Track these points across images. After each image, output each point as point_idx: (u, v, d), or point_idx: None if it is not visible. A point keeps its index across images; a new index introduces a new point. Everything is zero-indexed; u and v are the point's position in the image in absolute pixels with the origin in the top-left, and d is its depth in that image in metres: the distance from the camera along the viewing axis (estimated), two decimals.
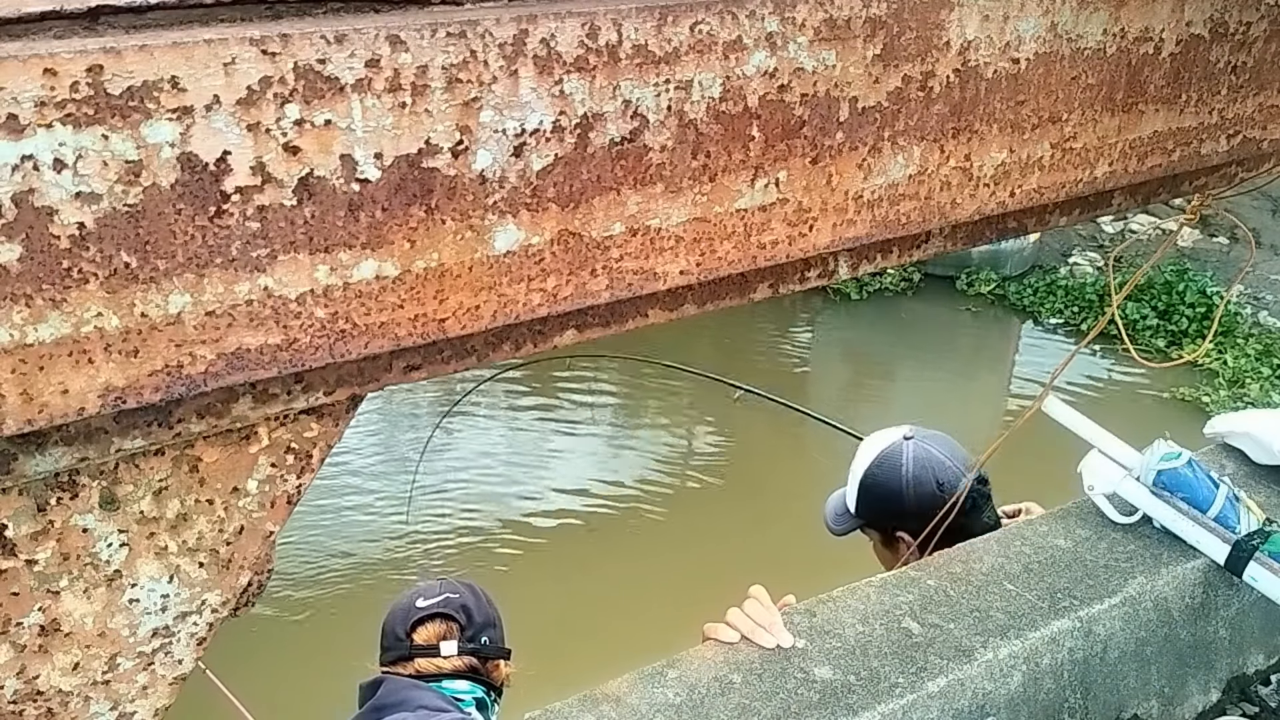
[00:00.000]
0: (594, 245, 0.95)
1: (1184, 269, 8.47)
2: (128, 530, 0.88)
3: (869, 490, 2.21)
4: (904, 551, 2.17)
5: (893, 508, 2.17)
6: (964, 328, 8.71)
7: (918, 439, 2.20)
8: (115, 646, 0.91)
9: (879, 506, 2.20)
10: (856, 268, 1.23)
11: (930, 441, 2.21)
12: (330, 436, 0.96)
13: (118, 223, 0.73)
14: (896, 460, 2.17)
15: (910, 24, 1.06)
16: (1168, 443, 2.15)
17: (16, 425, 0.75)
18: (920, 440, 2.20)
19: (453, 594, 2.16)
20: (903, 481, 2.15)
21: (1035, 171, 1.25)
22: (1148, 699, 2.04)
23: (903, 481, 2.15)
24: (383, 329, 0.87)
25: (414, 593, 2.19)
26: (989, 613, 1.88)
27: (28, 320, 0.72)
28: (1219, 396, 7.30)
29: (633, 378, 7.69)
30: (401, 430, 7.03)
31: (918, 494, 2.13)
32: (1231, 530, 2.04)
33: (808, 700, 1.67)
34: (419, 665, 2.07)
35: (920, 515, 2.09)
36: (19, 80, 0.67)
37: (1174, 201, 6.93)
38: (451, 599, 2.14)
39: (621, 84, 0.91)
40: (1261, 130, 1.47)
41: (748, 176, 1.02)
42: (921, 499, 2.12)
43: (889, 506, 2.17)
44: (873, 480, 2.20)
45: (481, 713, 2.10)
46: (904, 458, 2.17)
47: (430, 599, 2.14)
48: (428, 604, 2.13)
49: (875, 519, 2.23)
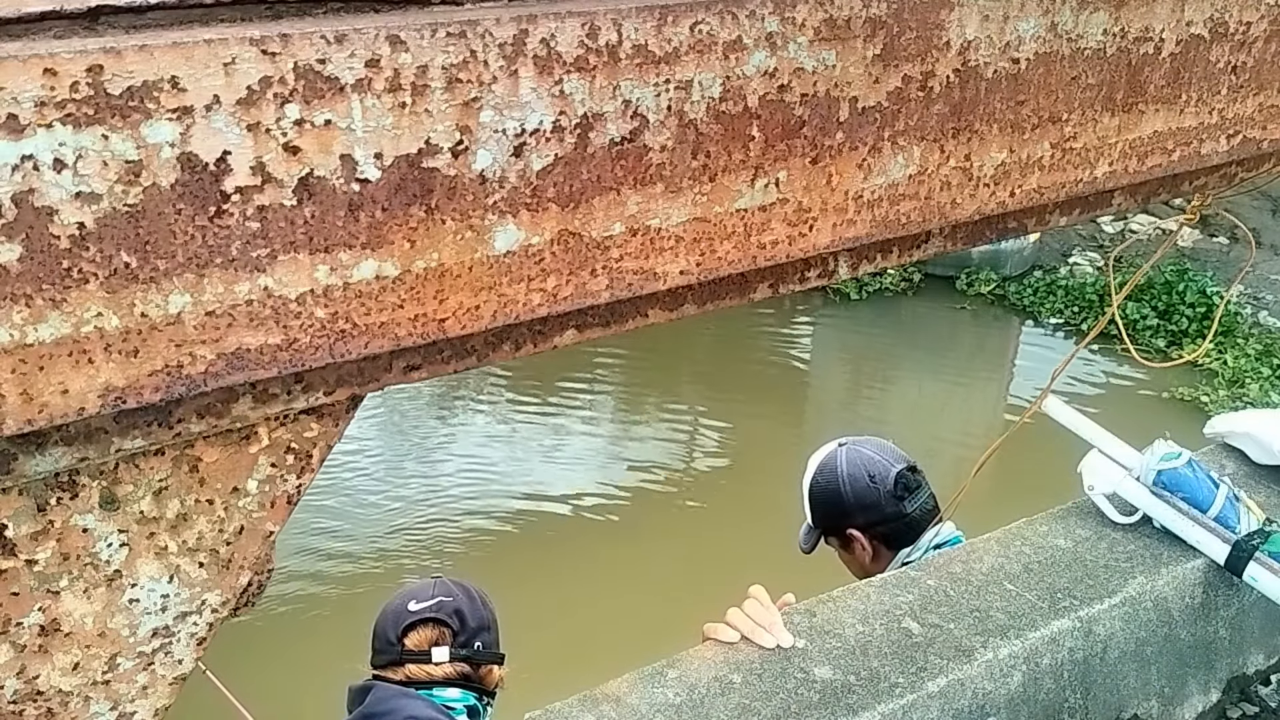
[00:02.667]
0: (594, 245, 0.95)
1: (1184, 269, 8.47)
2: (128, 530, 0.88)
3: (815, 497, 2.43)
4: (859, 551, 2.36)
5: (837, 508, 2.38)
6: (964, 328, 8.71)
7: (850, 444, 2.44)
8: (115, 646, 0.91)
9: (826, 510, 2.41)
10: (856, 268, 1.23)
11: (861, 444, 2.44)
12: (330, 436, 0.96)
13: (118, 223, 0.73)
14: (833, 465, 2.40)
15: (910, 24, 1.06)
16: (1168, 443, 2.16)
17: (16, 425, 0.74)
18: (853, 444, 2.44)
19: (446, 597, 2.12)
20: (840, 481, 2.36)
21: (1035, 171, 1.25)
22: (1148, 699, 2.04)
23: (840, 481, 2.36)
24: (383, 329, 0.87)
25: (407, 593, 2.15)
26: (989, 613, 1.88)
27: (28, 320, 0.72)
28: (1219, 396, 7.29)
29: (633, 377, 7.69)
30: (401, 428, 7.04)
31: (854, 489, 2.34)
32: (1231, 530, 2.04)
33: (808, 700, 1.67)
34: (409, 671, 2.05)
35: (862, 509, 2.33)
36: (19, 80, 0.67)
37: (1174, 201, 6.87)
38: (445, 603, 2.10)
39: (621, 84, 0.91)
40: (1261, 130, 1.47)
41: (748, 176, 1.02)
42: (859, 493, 2.33)
43: (834, 508, 2.38)
44: (817, 487, 2.42)
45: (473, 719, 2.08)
46: (838, 461, 2.40)
47: (423, 601, 2.11)
48: (420, 607, 2.09)
49: (828, 524, 2.43)
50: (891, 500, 2.31)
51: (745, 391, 7.59)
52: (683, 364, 7.82)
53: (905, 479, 2.34)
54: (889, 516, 2.30)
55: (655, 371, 7.68)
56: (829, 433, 3.83)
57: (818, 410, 7.87)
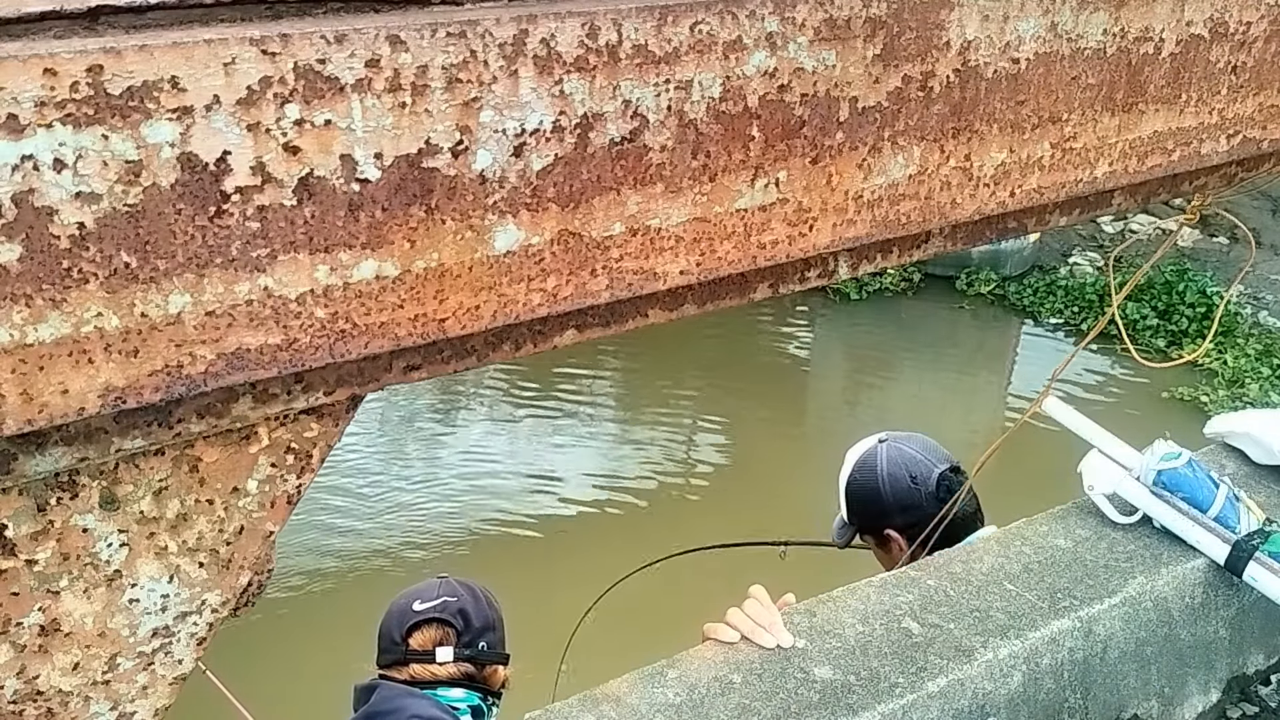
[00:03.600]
0: (594, 245, 0.95)
1: (1184, 269, 8.47)
2: (128, 530, 0.88)
3: (853, 495, 2.33)
4: (897, 552, 2.26)
5: (875, 507, 2.28)
6: (964, 328, 8.71)
7: (891, 441, 2.33)
8: (115, 646, 0.91)
9: (864, 509, 2.32)
10: (856, 268, 1.23)
11: (903, 441, 2.33)
12: (330, 436, 0.96)
13: (118, 223, 0.73)
14: (872, 462, 2.30)
15: (910, 24, 1.06)
16: (1168, 443, 2.16)
17: (16, 425, 0.74)
18: (894, 441, 2.33)
19: (450, 597, 2.12)
20: (879, 480, 2.27)
21: (1035, 171, 1.25)
22: (1148, 699, 2.04)
23: (879, 480, 2.27)
24: (383, 329, 0.87)
25: (412, 593, 2.15)
26: (989, 613, 1.88)
27: (28, 320, 0.72)
28: (1218, 396, 7.29)
29: (633, 375, 7.69)
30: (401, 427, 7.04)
31: (894, 490, 2.24)
32: (1231, 530, 2.04)
33: (808, 700, 1.67)
34: (414, 671, 2.05)
35: (901, 510, 2.23)
36: (19, 80, 0.67)
37: (1174, 201, 6.86)
38: (449, 603, 2.11)
39: (621, 84, 0.91)
40: (1261, 130, 1.47)
41: (748, 176, 1.02)
42: (899, 494, 2.24)
43: (872, 507, 2.29)
44: (854, 484, 2.32)
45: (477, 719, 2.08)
46: (879, 459, 2.29)
47: (428, 601, 2.11)
48: (425, 607, 2.10)
49: (865, 522, 2.34)
50: (934, 502, 2.20)
51: (745, 391, 7.59)
52: (683, 364, 7.81)
53: (949, 481, 2.23)
54: (929, 518, 2.17)
55: (655, 371, 7.68)
56: (829, 432, 3.82)
57: (818, 410, 7.88)
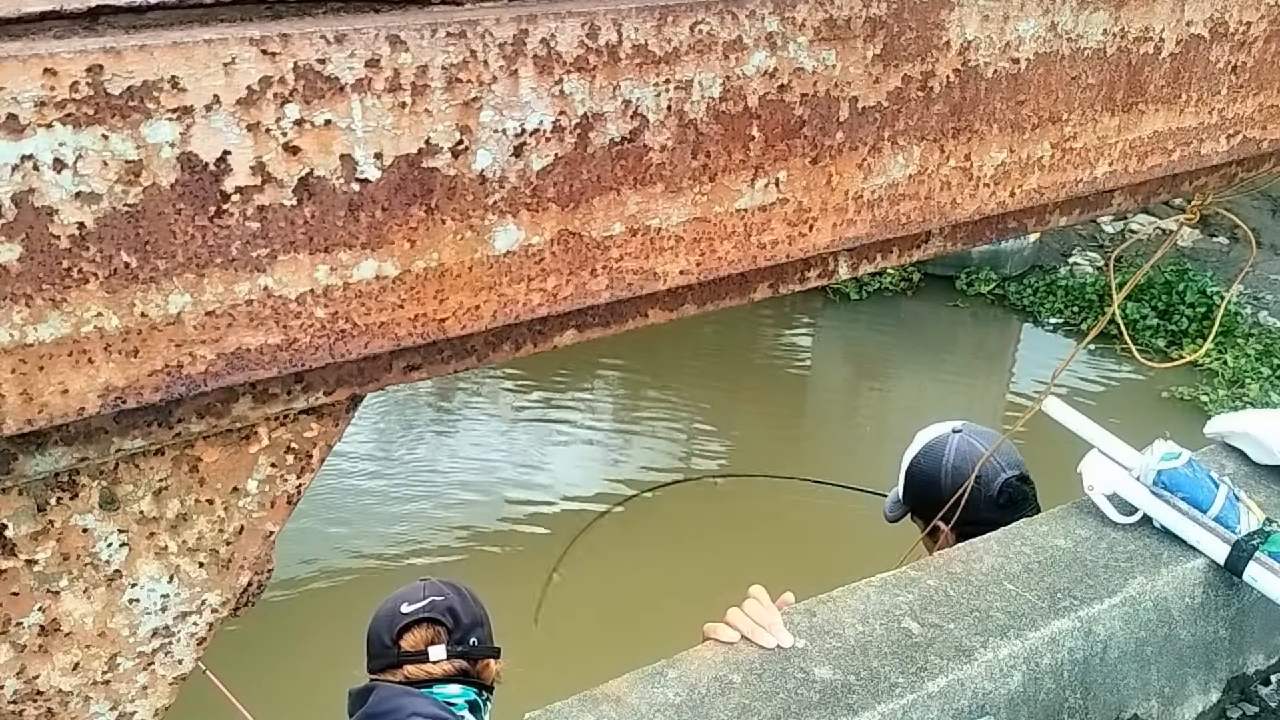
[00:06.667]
0: (594, 245, 0.95)
1: (1184, 269, 8.47)
2: (128, 530, 0.88)
3: (913, 477, 2.28)
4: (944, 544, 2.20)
5: (932, 494, 2.23)
6: (964, 328, 8.71)
7: (965, 433, 2.27)
8: (115, 646, 0.91)
9: (920, 493, 2.27)
10: (856, 268, 1.23)
11: (976, 436, 2.26)
12: (330, 436, 0.96)
13: (118, 223, 0.73)
14: (940, 450, 2.24)
15: (910, 24, 1.06)
16: (1168, 443, 2.16)
17: (16, 425, 0.74)
18: (967, 434, 2.26)
19: (437, 596, 2.13)
20: (942, 470, 2.22)
21: (1035, 171, 1.25)
22: (1148, 699, 2.04)
23: (942, 470, 2.22)
24: (383, 329, 0.87)
25: (398, 597, 2.16)
26: (989, 613, 1.88)
27: (28, 320, 0.72)
28: (1218, 396, 7.30)
29: (632, 374, 7.69)
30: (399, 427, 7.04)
31: (955, 483, 2.17)
32: (1231, 530, 2.04)
33: (808, 700, 1.67)
34: (408, 672, 2.05)
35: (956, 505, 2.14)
36: (19, 80, 0.67)
37: (1174, 201, 6.87)
38: (437, 602, 2.11)
39: (621, 84, 0.91)
40: (1261, 130, 1.47)
41: (748, 176, 1.02)
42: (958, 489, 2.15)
43: (928, 494, 2.24)
44: (916, 467, 2.27)
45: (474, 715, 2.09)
46: (947, 448, 2.24)
47: (415, 603, 2.11)
48: (413, 609, 2.10)
49: (918, 506, 2.30)
50: (992, 507, 2.14)
51: (745, 391, 7.59)
52: (683, 364, 7.82)
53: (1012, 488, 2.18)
54: (984, 522, 2.10)
55: (655, 371, 7.68)
56: (829, 432, 3.82)
57: (817, 410, 7.88)
